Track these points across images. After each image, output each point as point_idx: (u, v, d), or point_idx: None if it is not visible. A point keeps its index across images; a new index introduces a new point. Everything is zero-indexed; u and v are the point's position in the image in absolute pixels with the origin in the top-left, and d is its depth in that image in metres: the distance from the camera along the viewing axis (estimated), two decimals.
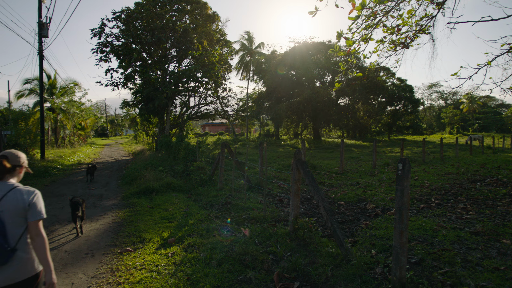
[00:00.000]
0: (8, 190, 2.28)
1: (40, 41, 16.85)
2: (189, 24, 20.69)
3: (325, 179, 10.82)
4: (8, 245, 2.17)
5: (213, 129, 72.71)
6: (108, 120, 75.70)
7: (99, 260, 4.65)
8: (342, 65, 7.84)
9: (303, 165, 4.96)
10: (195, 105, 23.01)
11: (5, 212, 2.21)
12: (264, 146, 6.87)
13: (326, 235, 5.22)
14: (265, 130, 45.91)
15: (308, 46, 33.98)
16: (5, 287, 2.18)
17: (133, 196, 8.80)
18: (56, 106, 29.06)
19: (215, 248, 4.51)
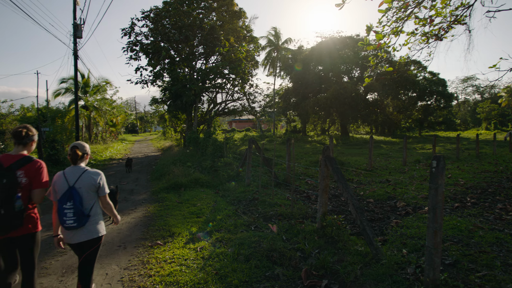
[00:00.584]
0: (81, 172, 3.02)
1: (75, 41, 17.50)
2: (215, 21, 20.85)
3: (353, 176, 10.63)
4: (85, 212, 2.94)
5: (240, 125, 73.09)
6: (138, 117, 77.83)
7: (130, 253, 4.79)
8: (372, 59, 7.64)
9: (331, 161, 4.88)
10: (222, 102, 23.21)
11: (82, 188, 2.96)
12: (292, 142, 6.82)
13: (355, 233, 5.13)
14: (291, 126, 45.60)
15: (335, 40, 33.36)
16: (81, 243, 2.98)
17: (162, 191, 9.01)
18: (89, 104, 30.20)
19: (243, 243, 4.54)
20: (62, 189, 2.93)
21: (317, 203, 7.20)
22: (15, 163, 2.91)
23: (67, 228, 2.89)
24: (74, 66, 17.81)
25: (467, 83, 63.57)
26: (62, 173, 3.01)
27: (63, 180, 2.96)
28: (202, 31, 19.23)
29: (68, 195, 2.87)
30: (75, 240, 2.95)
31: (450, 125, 41.35)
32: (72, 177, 2.97)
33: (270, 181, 9.26)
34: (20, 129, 3.04)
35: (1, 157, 2.95)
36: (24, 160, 2.97)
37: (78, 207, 2.87)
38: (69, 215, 2.85)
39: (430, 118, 38.02)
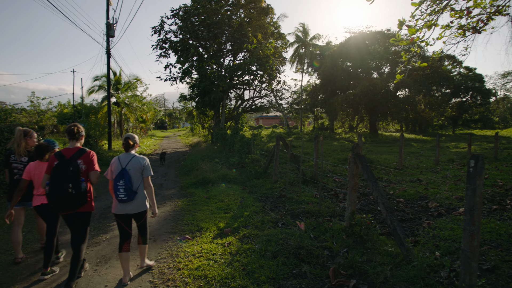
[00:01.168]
0: (131, 157, 3.84)
1: (108, 40, 18.11)
2: (243, 18, 20.89)
3: (382, 174, 10.37)
4: (133, 189, 3.73)
5: (267, 122, 73.10)
6: (167, 113, 79.59)
7: (160, 246, 4.91)
8: (404, 55, 7.38)
9: (361, 159, 4.78)
10: (250, 98, 23.27)
11: (131, 170, 3.77)
12: (320, 140, 6.73)
13: (385, 233, 5.00)
14: (319, 123, 45.06)
15: (364, 36, 32.51)
16: (132, 214, 3.81)
17: (191, 186, 9.17)
18: (121, 101, 31.14)
19: (270, 240, 4.54)
20: (116, 170, 3.77)
21: (345, 201, 7.08)
22: (74, 154, 3.68)
23: (120, 201, 3.70)
24: (107, 64, 18.43)
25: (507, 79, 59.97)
26: (117, 158, 3.86)
27: (118, 163, 3.80)
28: (230, 28, 19.33)
29: (121, 175, 3.70)
30: (125, 211, 3.77)
31: (487, 123, 39.24)
32: (124, 161, 3.80)
33: (298, 178, 9.20)
34: (72, 127, 3.77)
35: (63, 151, 3.71)
36: (80, 151, 3.73)
37: (128, 185, 3.67)
38: (121, 190, 3.66)
39: (465, 116, 36.39)
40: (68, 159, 3.60)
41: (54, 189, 3.44)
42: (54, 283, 3.87)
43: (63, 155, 3.63)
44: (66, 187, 3.44)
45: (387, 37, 31.22)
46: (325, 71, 33.26)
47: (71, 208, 3.55)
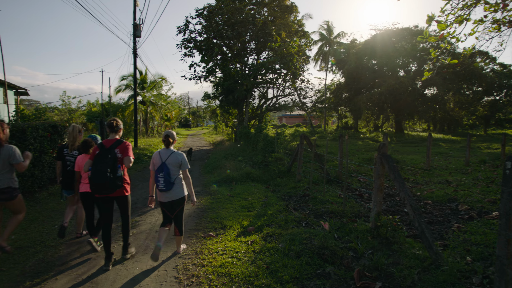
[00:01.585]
0: (171, 153, 4.29)
1: (134, 40, 18.55)
2: (267, 16, 20.84)
3: (409, 175, 10.09)
4: (171, 181, 4.19)
5: (290, 120, 72.74)
6: (191, 112, 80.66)
7: (185, 242, 4.97)
8: (433, 51, 7.12)
9: (387, 159, 4.67)
10: (273, 97, 23.22)
11: (170, 164, 4.23)
12: (346, 139, 6.63)
13: (412, 235, 4.86)
14: (343, 122, 44.37)
15: (390, 33, 31.63)
16: (171, 201, 4.29)
17: (214, 184, 9.26)
18: (146, 99, 31.85)
19: (293, 239, 4.51)
20: (157, 163, 4.26)
21: (370, 201, 6.95)
22: (113, 144, 4.22)
23: (160, 190, 4.23)
24: (134, 64, 18.88)
25: None
26: (158, 152, 4.37)
27: (159, 157, 4.30)
28: (254, 27, 19.34)
29: (161, 168, 4.19)
30: (166, 199, 4.29)
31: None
32: (165, 155, 4.28)
33: (321, 177, 9.11)
34: (112, 121, 4.37)
35: (104, 141, 4.28)
36: (118, 142, 4.28)
37: (166, 177, 4.15)
38: (161, 181, 4.16)
39: (498, 115, 34.74)
40: (107, 149, 4.15)
41: (96, 173, 3.98)
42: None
43: (104, 145, 4.21)
44: (105, 172, 3.96)
45: (414, 33, 30.26)
46: (350, 69, 32.68)
47: (109, 191, 4.07)
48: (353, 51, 33.93)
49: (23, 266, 4.26)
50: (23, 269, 4.19)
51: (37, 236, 5.39)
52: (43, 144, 8.58)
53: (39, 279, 3.91)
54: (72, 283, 3.81)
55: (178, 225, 4.47)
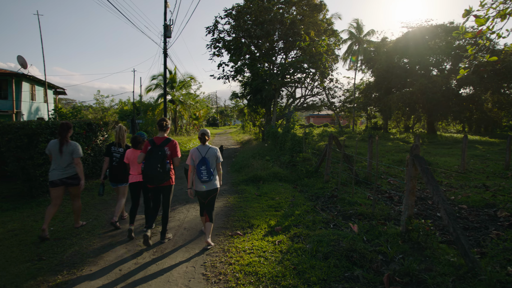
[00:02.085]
0: (208, 148, 4.84)
1: (165, 41, 18.95)
2: (296, 15, 20.70)
3: (442, 178, 9.71)
4: (210, 173, 4.68)
5: (317, 120, 72.00)
6: (218, 111, 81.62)
7: (212, 240, 5.04)
8: (470, 48, 6.79)
9: (420, 161, 4.52)
10: (301, 96, 23.05)
11: (210, 157, 4.76)
12: (376, 140, 6.47)
13: (445, 241, 4.67)
14: (372, 122, 43.36)
15: (423, 30, 30.48)
16: (209, 190, 4.77)
17: (242, 183, 9.32)
18: (175, 98, 32.49)
19: (321, 241, 4.46)
20: (197, 158, 4.76)
21: (400, 204, 6.76)
22: (163, 142, 4.86)
23: (202, 181, 4.70)
24: (164, 64, 19.30)
25: None
26: (196, 149, 4.84)
27: (198, 153, 4.79)
28: (282, 26, 19.27)
29: (202, 162, 4.70)
30: (206, 188, 4.77)
31: None
32: (203, 151, 4.80)
33: (350, 178, 8.95)
34: (161, 122, 4.99)
35: (154, 139, 4.89)
36: (167, 140, 4.91)
37: (208, 168, 4.69)
38: (204, 173, 4.67)
39: None
40: (158, 146, 4.80)
41: (148, 167, 4.66)
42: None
43: (155, 142, 4.86)
44: (156, 167, 4.63)
45: (449, 30, 29.03)
46: (380, 68, 31.86)
47: (158, 182, 4.74)
48: (383, 50, 33.08)
49: (61, 257, 4.47)
50: (61, 259, 4.40)
51: (73, 229, 5.64)
52: (79, 141, 8.96)
53: (75, 269, 4.10)
54: (105, 274, 3.96)
55: (209, 213, 4.93)
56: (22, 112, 24.45)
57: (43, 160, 7.61)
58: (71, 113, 22.89)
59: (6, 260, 4.36)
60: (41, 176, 7.66)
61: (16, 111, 23.73)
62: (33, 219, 6.19)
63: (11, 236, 5.30)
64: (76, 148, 5.47)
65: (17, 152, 7.39)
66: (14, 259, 4.41)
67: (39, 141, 7.52)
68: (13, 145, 7.33)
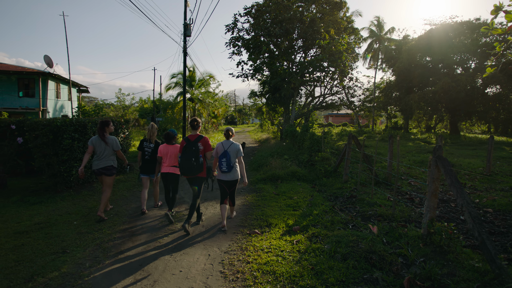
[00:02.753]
0: (231, 143, 5.52)
1: (185, 40, 19.13)
2: (315, 13, 20.50)
3: (466, 180, 9.43)
4: (230, 165, 5.41)
5: (336, 120, 71.25)
6: (237, 109, 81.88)
7: (230, 238, 5.08)
8: (498, 46, 6.53)
9: (443, 162, 4.40)
10: (320, 95, 22.84)
11: (231, 151, 5.45)
12: (397, 140, 6.33)
13: (470, 246, 4.53)
14: (392, 122, 42.54)
15: (447, 27, 29.48)
16: (229, 181, 5.52)
17: (260, 182, 9.32)
18: (194, 97, 32.77)
19: (340, 241, 4.41)
20: (220, 151, 5.49)
21: (421, 206, 6.61)
22: (196, 139, 5.45)
23: (223, 172, 5.46)
24: (183, 62, 19.49)
25: None
26: (221, 143, 5.54)
27: (221, 146, 5.50)
28: (302, 24, 19.13)
29: (224, 155, 5.43)
30: (226, 178, 5.52)
31: None
32: (226, 145, 5.51)
33: (369, 179, 8.82)
34: (193, 121, 5.57)
35: (189, 136, 5.52)
36: (199, 137, 5.50)
37: (228, 161, 5.41)
38: (224, 165, 5.42)
39: None
40: (192, 142, 5.41)
41: (184, 160, 5.33)
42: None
43: (189, 139, 5.47)
44: (190, 160, 5.29)
45: (475, 27, 28.04)
46: (401, 67, 31.14)
47: (193, 174, 5.40)
48: (405, 48, 32.32)
49: (84, 250, 4.60)
50: (84, 253, 4.53)
51: (95, 223, 5.79)
52: None
53: (97, 263, 4.21)
54: (126, 269, 4.05)
55: (231, 199, 5.90)
56: (48, 109, 25.26)
57: (67, 156, 7.84)
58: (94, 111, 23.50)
59: (33, 252, 4.52)
60: (65, 172, 7.89)
61: (43, 108, 24.53)
62: (57, 213, 6.38)
63: (38, 229, 5.49)
64: (115, 142, 6.21)
65: (43, 148, 7.64)
66: (40, 251, 4.56)
67: (64, 137, 7.74)
68: (40, 142, 7.57)
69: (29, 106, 24.52)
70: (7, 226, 5.63)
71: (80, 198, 7.60)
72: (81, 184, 8.66)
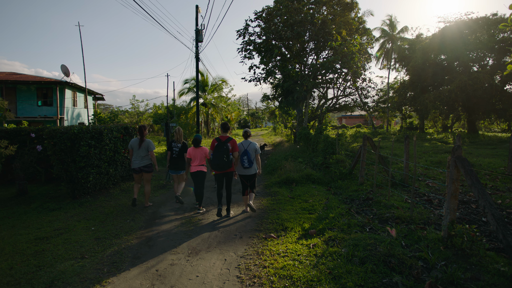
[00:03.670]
0: (249, 143, 6.50)
1: (197, 45, 19.33)
2: (326, 15, 20.40)
3: (487, 180, 9.17)
4: (250, 161, 6.41)
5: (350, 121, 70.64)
6: (250, 113, 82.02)
7: (246, 242, 5.06)
8: None
9: (463, 162, 4.29)
10: (334, 97, 22.68)
11: (250, 150, 6.44)
12: (414, 140, 6.21)
13: (493, 248, 4.38)
14: (407, 122, 41.86)
15: (462, 24, 28.71)
16: (249, 175, 6.56)
17: (275, 185, 9.29)
18: (207, 101, 33.02)
19: (357, 245, 4.34)
20: (241, 150, 6.49)
21: (440, 208, 6.45)
22: (226, 140, 6.28)
23: (244, 167, 6.48)
24: (196, 68, 19.68)
25: None
26: (241, 143, 6.57)
27: (242, 146, 6.51)
28: (313, 27, 19.07)
29: (244, 153, 6.42)
30: (247, 173, 6.54)
31: None
32: (246, 144, 6.51)
33: (385, 180, 8.68)
34: (225, 124, 6.54)
35: (220, 137, 6.34)
36: (229, 138, 6.34)
37: (249, 158, 6.41)
38: (245, 161, 6.43)
39: None
40: (223, 142, 6.23)
41: (216, 158, 6.19)
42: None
43: (220, 140, 6.28)
44: (221, 157, 6.15)
45: (493, 23, 27.29)
46: (415, 66, 30.60)
47: (224, 169, 6.27)
48: (418, 47, 31.78)
49: (102, 256, 4.65)
50: (101, 258, 4.58)
51: (112, 229, 5.86)
52: (117, 144, 9.32)
53: (114, 268, 4.25)
54: (142, 275, 4.07)
55: (252, 189, 6.75)
56: (65, 117, 25.86)
57: (85, 163, 7.98)
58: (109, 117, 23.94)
59: (53, 257, 4.60)
60: (83, 178, 8.03)
61: (60, 116, 25.13)
62: (76, 219, 6.49)
63: (57, 234, 5.59)
64: (150, 144, 7.27)
65: (61, 155, 7.79)
66: (60, 256, 4.64)
67: (81, 145, 7.89)
68: (58, 149, 7.73)
69: (47, 114, 25.16)
70: (29, 232, 5.76)
71: (97, 204, 7.72)
72: (98, 190, 8.79)
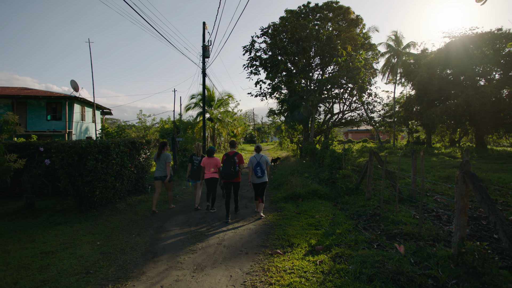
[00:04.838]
0: (261, 156, 7.67)
1: (203, 61, 19.60)
2: (332, 31, 20.63)
3: (497, 196, 9.01)
4: (263, 171, 7.57)
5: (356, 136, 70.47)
6: (256, 128, 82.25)
7: (252, 259, 5.00)
8: None
9: (472, 178, 4.23)
10: (339, 112, 22.69)
11: (262, 162, 7.59)
12: (421, 155, 6.16)
13: (506, 267, 4.27)
14: (414, 137, 41.60)
15: (467, 39, 28.76)
16: (261, 183, 7.62)
17: (281, 200, 9.22)
18: (214, 116, 33.23)
19: (365, 262, 4.26)
20: (254, 162, 7.54)
21: (449, 224, 6.34)
22: (233, 154, 7.48)
23: (258, 177, 7.48)
24: (203, 83, 19.89)
25: None
26: (254, 156, 7.65)
27: (255, 159, 7.56)
28: (318, 42, 19.26)
29: (258, 165, 7.50)
30: (260, 181, 7.52)
31: None
32: (258, 157, 7.60)
33: (393, 196, 8.58)
34: (233, 142, 8.05)
35: (228, 152, 7.53)
36: (235, 153, 7.55)
37: (261, 169, 7.49)
38: (258, 172, 7.47)
39: None
40: (231, 156, 7.42)
41: (225, 169, 7.38)
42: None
43: (228, 154, 7.46)
44: (229, 168, 7.34)
45: (497, 38, 27.37)
46: (421, 80, 30.63)
47: (231, 179, 7.44)
48: (424, 61, 31.88)
49: (106, 271, 4.63)
50: (106, 273, 4.55)
51: (117, 244, 5.84)
52: (123, 159, 9.37)
53: (119, 284, 4.21)
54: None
55: (261, 197, 7.68)
56: (73, 132, 26.17)
57: (91, 177, 8.02)
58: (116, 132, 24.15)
59: (59, 272, 4.58)
60: (89, 192, 8.05)
61: (68, 131, 25.44)
62: (81, 233, 6.49)
63: (63, 249, 5.58)
64: (168, 157, 8.48)
65: (69, 169, 7.85)
66: (64, 271, 4.62)
67: (88, 159, 7.94)
68: (65, 163, 7.80)
69: (56, 128, 25.48)
70: (34, 246, 5.76)
71: (103, 218, 7.72)
72: (104, 204, 8.81)
